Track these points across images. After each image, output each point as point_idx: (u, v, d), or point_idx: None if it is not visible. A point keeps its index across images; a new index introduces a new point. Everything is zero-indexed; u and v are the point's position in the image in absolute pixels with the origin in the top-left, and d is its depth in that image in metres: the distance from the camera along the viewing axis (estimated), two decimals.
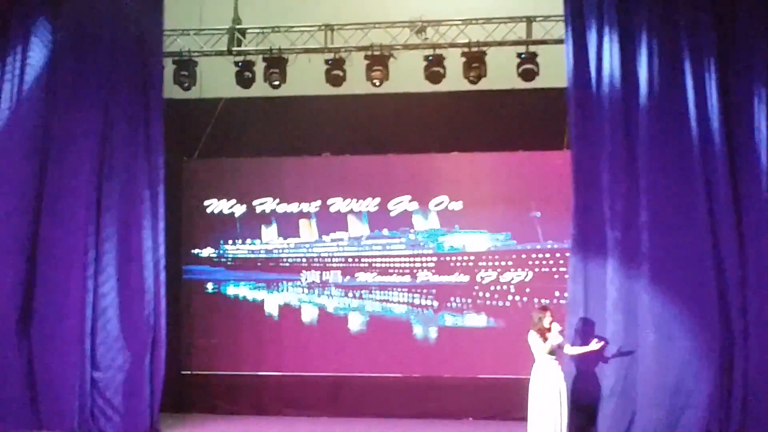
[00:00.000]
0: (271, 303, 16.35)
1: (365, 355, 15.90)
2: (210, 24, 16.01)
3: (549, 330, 12.10)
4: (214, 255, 16.52)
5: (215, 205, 16.50)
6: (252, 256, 16.45)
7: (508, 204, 15.79)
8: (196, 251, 16.53)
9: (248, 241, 16.46)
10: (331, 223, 16.23)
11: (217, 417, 15.43)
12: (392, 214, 16.10)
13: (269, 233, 16.41)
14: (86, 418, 14.12)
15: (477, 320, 15.77)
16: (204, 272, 16.52)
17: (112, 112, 14.85)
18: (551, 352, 12.11)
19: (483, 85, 15.45)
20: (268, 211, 16.41)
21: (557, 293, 15.39)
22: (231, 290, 16.48)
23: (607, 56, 13.55)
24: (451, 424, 14.99)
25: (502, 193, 15.85)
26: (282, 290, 16.33)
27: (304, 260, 16.30)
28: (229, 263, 16.50)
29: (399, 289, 16.03)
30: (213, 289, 16.51)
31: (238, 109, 16.38)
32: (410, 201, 16.04)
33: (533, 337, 12.12)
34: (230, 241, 16.51)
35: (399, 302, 16.02)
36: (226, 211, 16.50)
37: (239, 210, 16.46)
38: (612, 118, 13.44)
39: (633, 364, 13.07)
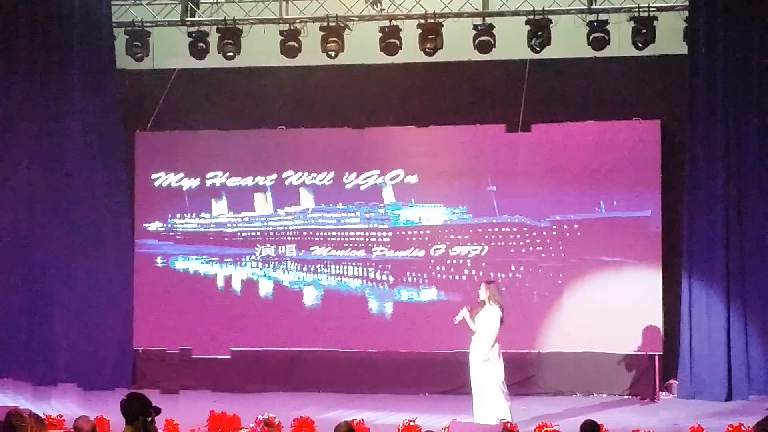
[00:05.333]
0: (225, 277, 16.13)
1: (320, 329, 15.74)
2: None
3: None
4: (162, 229, 16.24)
5: (163, 179, 16.21)
6: (202, 230, 16.19)
7: (464, 177, 15.67)
8: (144, 225, 16.25)
9: (196, 214, 16.19)
10: (286, 196, 16.01)
11: (169, 393, 15.20)
12: (347, 187, 15.92)
13: (219, 207, 16.16)
14: None
15: (432, 295, 15.68)
16: (153, 246, 16.23)
17: (64, 85, 14.65)
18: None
19: (439, 57, 15.40)
20: (218, 184, 16.16)
21: (513, 267, 15.37)
22: (181, 264, 16.22)
23: None
24: (406, 399, 14.87)
25: (458, 167, 15.74)
26: (236, 264, 16.11)
27: (258, 234, 16.09)
28: (178, 237, 16.24)
29: (354, 264, 15.88)
30: (162, 263, 16.25)
31: (191, 80, 16.11)
32: (366, 175, 15.88)
33: (498, 313, 12.06)
34: (178, 215, 16.24)
35: (354, 276, 15.89)
36: (174, 185, 16.21)
37: (188, 183, 16.18)
38: None
39: None
